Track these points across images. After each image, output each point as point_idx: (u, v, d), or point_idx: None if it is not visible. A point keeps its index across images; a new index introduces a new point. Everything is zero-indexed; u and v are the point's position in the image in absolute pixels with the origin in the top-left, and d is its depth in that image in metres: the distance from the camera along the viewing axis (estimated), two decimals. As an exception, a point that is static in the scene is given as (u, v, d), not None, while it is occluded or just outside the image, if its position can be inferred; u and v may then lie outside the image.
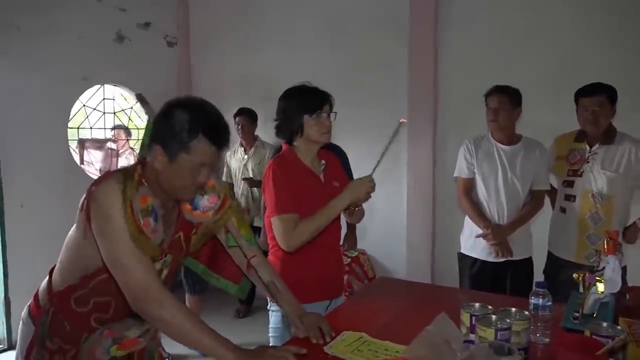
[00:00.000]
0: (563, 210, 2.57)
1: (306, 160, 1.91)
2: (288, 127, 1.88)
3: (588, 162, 2.48)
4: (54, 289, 1.40)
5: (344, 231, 2.77)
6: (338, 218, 1.89)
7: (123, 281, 1.26)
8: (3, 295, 3.51)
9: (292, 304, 1.59)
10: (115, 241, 1.24)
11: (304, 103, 1.84)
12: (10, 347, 3.52)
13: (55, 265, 1.44)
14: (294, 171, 1.85)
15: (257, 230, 3.61)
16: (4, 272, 3.50)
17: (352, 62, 3.94)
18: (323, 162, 1.97)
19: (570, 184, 2.54)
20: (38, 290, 1.46)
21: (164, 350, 1.70)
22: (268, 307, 1.93)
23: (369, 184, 1.77)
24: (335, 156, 2.10)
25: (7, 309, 3.52)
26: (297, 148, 1.90)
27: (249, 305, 4.19)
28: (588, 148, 2.49)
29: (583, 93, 2.47)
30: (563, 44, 3.25)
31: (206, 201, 1.47)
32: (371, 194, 1.80)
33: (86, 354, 1.39)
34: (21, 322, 1.46)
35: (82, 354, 1.39)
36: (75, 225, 1.37)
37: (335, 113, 1.90)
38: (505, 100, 2.52)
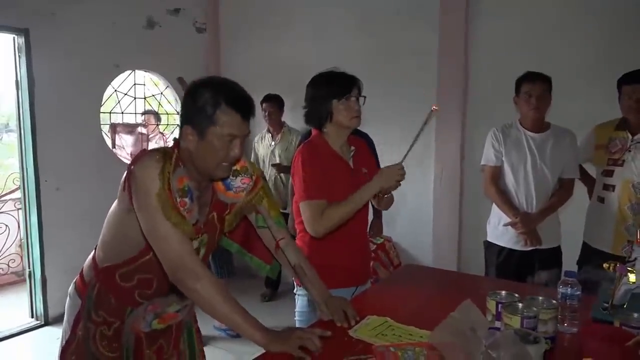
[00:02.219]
0: (601, 200, 2.51)
1: (335, 146, 1.89)
2: (317, 113, 1.86)
3: (630, 150, 2.41)
4: (99, 265, 1.46)
5: (370, 218, 2.76)
6: (366, 205, 1.88)
7: (162, 252, 1.30)
8: (40, 274, 3.65)
9: (318, 287, 1.61)
10: (155, 213, 1.27)
11: (331, 88, 1.82)
12: (47, 323, 3.68)
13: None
14: (323, 157, 1.85)
15: (284, 216, 3.64)
16: (40, 253, 3.65)
17: (381, 50, 3.91)
18: (353, 148, 1.96)
19: (609, 173, 2.47)
20: (83, 267, 1.52)
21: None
22: (295, 290, 1.96)
23: (399, 172, 1.74)
24: (365, 143, 2.09)
25: (43, 288, 3.67)
26: (327, 134, 1.89)
27: (275, 290, 4.26)
28: (630, 137, 2.43)
29: (627, 80, 2.39)
30: (595, 33, 3.14)
31: (239, 182, 1.50)
32: (400, 183, 1.77)
33: (130, 326, 1.46)
34: (68, 297, 1.53)
35: (126, 326, 1.46)
36: (116, 202, 1.41)
37: (364, 97, 1.88)
38: (547, 87, 2.46)
